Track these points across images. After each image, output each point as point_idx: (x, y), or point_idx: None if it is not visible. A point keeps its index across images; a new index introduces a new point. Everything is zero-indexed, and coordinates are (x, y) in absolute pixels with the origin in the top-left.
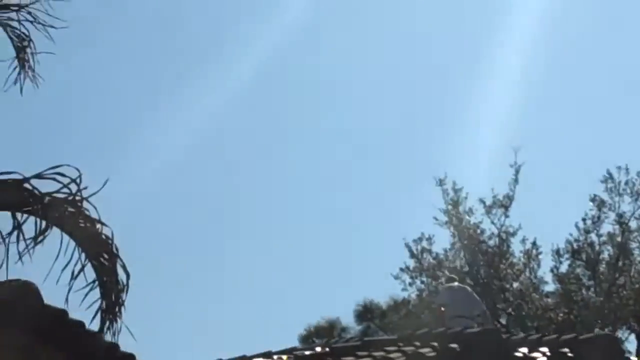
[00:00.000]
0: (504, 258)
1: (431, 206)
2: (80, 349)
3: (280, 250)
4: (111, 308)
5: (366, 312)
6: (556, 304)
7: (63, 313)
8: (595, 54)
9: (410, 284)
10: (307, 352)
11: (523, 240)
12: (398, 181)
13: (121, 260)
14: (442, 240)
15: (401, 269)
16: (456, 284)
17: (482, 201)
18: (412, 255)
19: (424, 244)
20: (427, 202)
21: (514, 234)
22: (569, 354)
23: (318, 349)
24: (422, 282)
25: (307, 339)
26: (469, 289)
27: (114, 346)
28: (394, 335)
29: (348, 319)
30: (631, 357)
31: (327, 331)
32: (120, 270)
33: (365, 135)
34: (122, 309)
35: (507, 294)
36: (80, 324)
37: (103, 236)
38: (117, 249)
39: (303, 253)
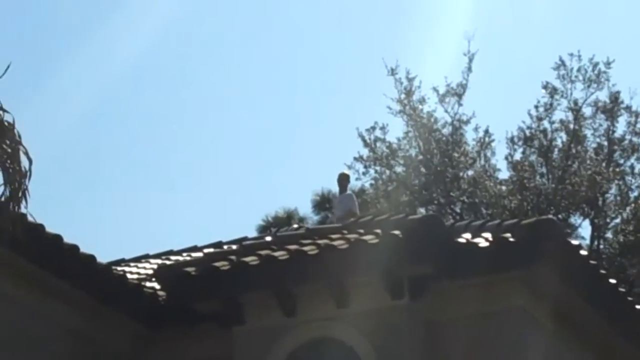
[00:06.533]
0: (457, 146)
1: (384, 96)
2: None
3: (240, 143)
4: (15, 194)
5: (323, 202)
6: (510, 191)
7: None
8: None
9: (364, 173)
10: (255, 242)
11: (476, 129)
12: (351, 71)
13: (24, 147)
14: (396, 130)
15: (355, 159)
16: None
17: (435, 90)
18: (366, 144)
19: (377, 133)
20: (380, 92)
21: (467, 122)
22: (510, 239)
23: (268, 239)
24: (376, 171)
25: (265, 229)
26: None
27: (75, 247)
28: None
29: (306, 209)
30: (572, 240)
31: (285, 221)
32: (23, 158)
33: (320, 27)
34: (27, 194)
35: (461, 182)
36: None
37: (5, 123)
38: (19, 136)
39: (262, 144)
